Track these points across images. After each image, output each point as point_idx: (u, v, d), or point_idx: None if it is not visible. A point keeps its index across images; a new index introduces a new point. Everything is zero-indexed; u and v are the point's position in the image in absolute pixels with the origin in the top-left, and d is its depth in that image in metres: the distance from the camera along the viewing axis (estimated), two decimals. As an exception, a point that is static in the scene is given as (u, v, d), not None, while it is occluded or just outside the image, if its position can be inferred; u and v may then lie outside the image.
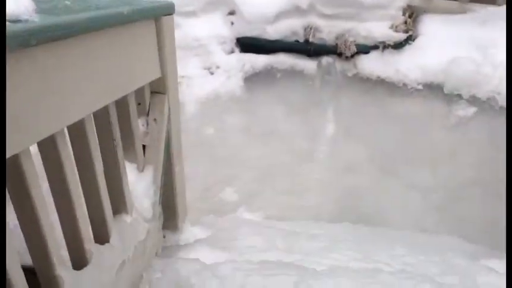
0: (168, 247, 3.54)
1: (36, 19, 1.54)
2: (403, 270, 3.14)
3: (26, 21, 1.50)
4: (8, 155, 1.52)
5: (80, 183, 2.20)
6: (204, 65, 5.15)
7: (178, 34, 5.09)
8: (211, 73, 5.11)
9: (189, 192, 4.31)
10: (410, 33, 4.96)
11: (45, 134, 1.74)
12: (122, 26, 2.26)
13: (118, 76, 2.29)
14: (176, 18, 5.12)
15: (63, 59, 1.73)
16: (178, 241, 3.62)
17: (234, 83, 5.03)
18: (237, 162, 4.64)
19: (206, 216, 4.16)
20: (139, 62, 2.60)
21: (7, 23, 1.41)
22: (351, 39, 4.93)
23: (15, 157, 1.64)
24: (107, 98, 2.21)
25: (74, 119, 1.94)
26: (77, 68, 1.84)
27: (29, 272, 2.07)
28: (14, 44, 1.42)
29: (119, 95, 2.41)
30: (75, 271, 2.16)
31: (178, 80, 4.94)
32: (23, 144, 1.60)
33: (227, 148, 4.74)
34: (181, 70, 5.04)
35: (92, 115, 2.18)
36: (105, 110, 2.34)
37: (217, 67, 5.12)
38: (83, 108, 1.96)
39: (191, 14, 5.24)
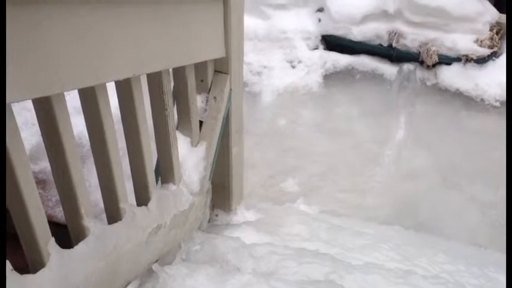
0: (217, 225, 3.62)
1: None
2: (437, 276, 3.14)
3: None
4: (33, 96, 1.62)
5: (118, 146, 2.28)
6: (286, 58, 5.23)
7: (267, 25, 5.25)
8: (293, 66, 5.19)
9: (254, 178, 4.40)
10: (495, 49, 4.90)
11: (81, 85, 1.83)
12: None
13: (171, 47, 2.37)
14: (266, 10, 5.28)
15: (106, 18, 1.82)
16: (230, 222, 3.70)
17: (313, 79, 5.09)
18: (304, 156, 4.70)
19: (264, 203, 4.22)
20: (200, 38, 2.67)
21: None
22: (433, 48, 4.91)
23: (47, 100, 1.73)
24: (155, 65, 2.29)
25: (114, 77, 2.03)
26: (120, 29, 1.92)
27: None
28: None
29: (171, 65, 2.50)
30: (104, 225, 2.26)
31: (260, 70, 5.08)
32: (54, 90, 1.68)
33: (296, 140, 4.80)
34: (264, 60, 5.17)
35: (140, 78, 2.26)
36: (157, 77, 2.44)
37: (300, 61, 5.19)
38: (124, 69, 2.04)
39: (281, 7, 5.33)
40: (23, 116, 3.03)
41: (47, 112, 1.79)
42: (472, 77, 4.87)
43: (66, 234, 2.10)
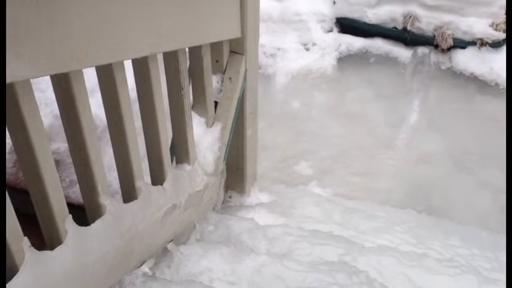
0: (231, 207, 3.63)
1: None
2: (451, 259, 3.14)
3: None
4: (52, 72, 1.62)
5: (134, 124, 2.28)
6: (301, 40, 5.21)
7: (281, 7, 5.23)
8: (307, 49, 5.17)
9: (267, 161, 4.40)
10: (510, 33, 4.87)
11: (99, 62, 1.83)
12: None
13: (187, 26, 2.36)
14: (281, -9, 5.24)
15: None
16: (243, 203, 3.71)
17: (327, 62, 5.07)
18: (317, 139, 4.69)
19: (277, 185, 4.23)
20: (216, 17, 2.66)
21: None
22: (448, 32, 4.89)
23: (65, 76, 1.73)
24: (172, 44, 2.28)
25: (132, 55, 2.03)
26: (138, 6, 1.92)
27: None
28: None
29: (187, 44, 2.49)
30: (120, 203, 2.26)
31: (274, 52, 5.06)
32: (72, 66, 1.67)
33: (310, 123, 4.79)
34: (278, 42, 5.16)
35: (156, 57, 2.26)
36: (174, 56, 2.44)
37: (314, 44, 5.17)
38: (142, 46, 2.04)
39: (296, -12, 5.32)
40: (36, 97, 3.02)
41: (65, 89, 1.79)
42: (487, 61, 4.84)
43: (80, 214, 2.11)
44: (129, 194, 2.37)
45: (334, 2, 5.24)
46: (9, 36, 1.37)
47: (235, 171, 3.62)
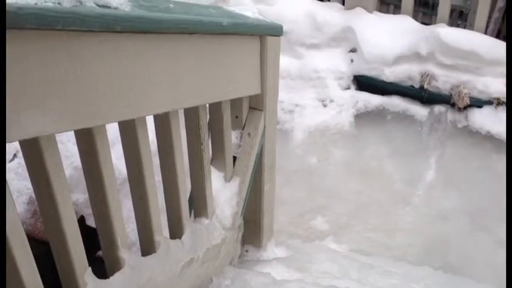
0: (248, 261, 3.63)
1: (126, 9, 1.68)
2: (467, 318, 3.13)
3: (116, 8, 1.64)
4: (77, 127, 1.66)
5: (154, 178, 2.31)
6: (318, 97, 5.25)
7: (299, 64, 5.28)
8: (324, 105, 5.21)
9: (284, 216, 4.41)
10: (527, 92, 4.90)
11: (122, 117, 1.88)
12: (219, 36, 2.39)
13: (209, 83, 2.41)
14: (299, 49, 5.32)
15: (148, 51, 1.87)
16: (260, 258, 3.71)
17: (345, 118, 5.11)
18: (333, 194, 4.71)
19: (293, 240, 4.24)
20: (236, 75, 2.71)
21: (95, 5, 1.55)
22: (465, 91, 4.92)
23: (89, 131, 1.78)
24: (193, 100, 2.33)
25: (154, 110, 2.07)
26: (161, 63, 1.97)
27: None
28: (98, 25, 1.55)
29: (208, 100, 2.54)
30: (138, 256, 2.29)
31: (292, 108, 5.11)
32: (97, 121, 1.72)
33: (326, 179, 4.81)
34: (296, 99, 5.20)
35: (178, 113, 2.31)
36: (195, 112, 2.48)
37: (331, 101, 5.21)
38: (164, 102, 2.09)
39: (315, 46, 5.37)
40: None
41: (88, 143, 1.83)
42: (503, 120, 4.85)
43: (98, 267, 2.13)
44: (148, 247, 2.39)
45: (352, 60, 5.29)
46: (35, 93, 1.41)
47: (252, 226, 3.63)
